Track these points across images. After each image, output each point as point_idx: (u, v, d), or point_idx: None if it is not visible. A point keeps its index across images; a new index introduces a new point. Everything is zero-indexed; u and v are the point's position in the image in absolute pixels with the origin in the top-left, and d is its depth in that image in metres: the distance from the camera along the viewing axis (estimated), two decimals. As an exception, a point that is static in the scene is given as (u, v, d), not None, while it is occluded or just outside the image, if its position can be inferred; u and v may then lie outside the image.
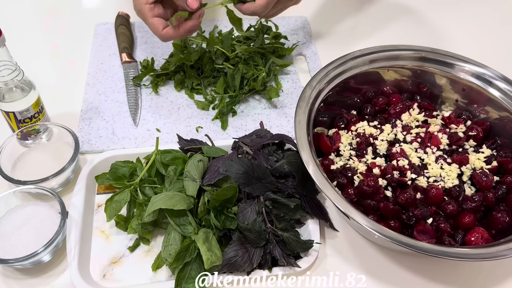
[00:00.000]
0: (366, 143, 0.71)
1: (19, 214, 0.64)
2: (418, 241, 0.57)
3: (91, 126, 0.80)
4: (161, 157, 0.68)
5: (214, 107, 0.84)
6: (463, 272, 0.65)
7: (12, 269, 0.63)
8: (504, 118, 0.72)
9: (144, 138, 0.78)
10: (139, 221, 0.64)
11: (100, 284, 0.61)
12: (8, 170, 0.69)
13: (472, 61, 0.75)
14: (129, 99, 0.84)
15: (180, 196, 0.62)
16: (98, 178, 0.69)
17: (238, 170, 0.62)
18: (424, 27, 1.04)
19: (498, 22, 1.08)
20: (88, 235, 0.66)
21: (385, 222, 0.63)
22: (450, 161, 0.68)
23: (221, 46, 0.85)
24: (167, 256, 0.60)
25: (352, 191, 0.65)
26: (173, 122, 0.82)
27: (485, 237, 0.61)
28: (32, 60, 0.89)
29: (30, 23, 1.01)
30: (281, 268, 0.61)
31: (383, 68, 0.77)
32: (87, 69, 0.90)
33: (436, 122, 0.74)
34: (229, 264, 0.59)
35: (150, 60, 0.89)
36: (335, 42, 0.98)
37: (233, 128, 0.81)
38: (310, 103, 0.69)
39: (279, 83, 0.88)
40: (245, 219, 0.61)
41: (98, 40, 0.96)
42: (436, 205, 0.64)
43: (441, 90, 0.78)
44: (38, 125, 0.73)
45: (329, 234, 0.67)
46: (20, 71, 0.68)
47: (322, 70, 0.73)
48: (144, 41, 0.97)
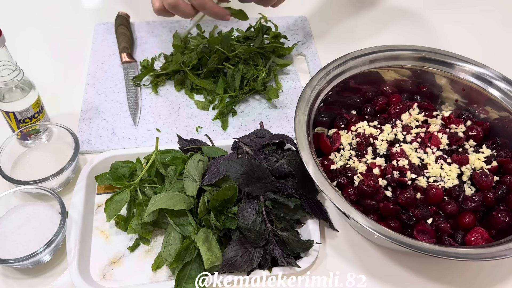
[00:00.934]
0: (366, 143, 0.71)
1: (19, 214, 0.64)
2: (418, 241, 0.57)
3: (91, 126, 0.80)
4: (161, 157, 0.68)
5: (214, 107, 0.84)
6: (463, 272, 0.65)
7: (12, 269, 0.63)
8: (504, 118, 0.72)
9: (144, 138, 0.78)
10: (139, 221, 0.64)
11: (100, 284, 0.61)
12: (8, 170, 0.69)
13: (472, 61, 0.75)
14: (129, 99, 0.84)
15: (180, 196, 0.62)
16: (98, 178, 0.69)
17: (238, 170, 0.62)
18: (424, 27, 1.04)
19: (498, 22, 1.08)
20: (88, 235, 0.66)
21: (385, 222, 0.63)
22: (450, 161, 0.68)
23: (221, 46, 0.85)
24: (167, 256, 0.60)
25: (352, 191, 0.65)
26: (173, 122, 0.81)
27: (485, 237, 0.61)
28: (32, 60, 0.89)
29: (30, 23, 1.01)
30: (281, 268, 0.61)
31: (383, 68, 0.77)
32: (87, 69, 0.90)
33: (436, 122, 0.74)
34: (229, 264, 0.59)
35: (150, 60, 0.89)
36: (335, 42, 0.98)
37: (233, 128, 0.81)
38: (310, 103, 0.69)
39: (279, 83, 0.88)
40: (245, 219, 0.61)
41: (98, 40, 0.96)
42: (436, 205, 0.64)
43: (441, 90, 0.78)
44: (38, 125, 0.73)
45: (329, 234, 0.67)
46: (20, 71, 0.68)
47: (322, 70, 0.73)
48: (144, 41, 0.97)
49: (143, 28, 0.99)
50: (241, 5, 0.81)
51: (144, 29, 0.99)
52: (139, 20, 1.01)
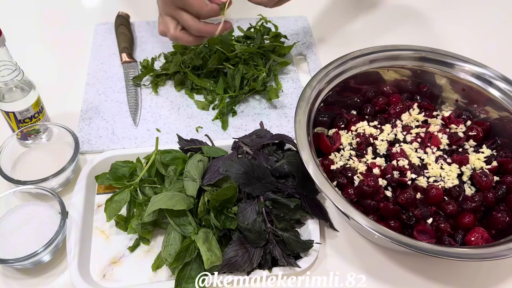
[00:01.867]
0: (366, 143, 0.71)
1: (19, 214, 0.64)
2: (418, 241, 0.57)
3: (91, 126, 0.80)
4: (161, 157, 0.68)
5: (214, 107, 0.84)
6: (463, 272, 0.65)
7: (12, 269, 0.63)
8: (504, 118, 0.72)
9: (144, 138, 0.78)
10: (139, 221, 0.64)
11: (100, 284, 0.61)
12: (8, 170, 0.69)
13: (472, 61, 0.75)
14: (129, 99, 0.84)
15: (180, 196, 0.62)
16: (98, 178, 0.69)
17: (238, 170, 0.62)
18: (424, 27, 1.04)
19: (498, 22, 1.08)
20: (88, 235, 0.66)
21: (385, 222, 0.63)
22: (450, 161, 0.68)
23: (221, 46, 0.85)
24: (167, 256, 0.60)
25: (352, 191, 0.65)
26: (173, 122, 0.81)
27: (485, 237, 0.61)
28: (32, 60, 0.89)
29: (30, 23, 1.01)
30: (281, 268, 0.61)
31: (383, 68, 0.77)
32: (87, 69, 0.90)
33: (436, 122, 0.74)
34: (229, 264, 0.59)
35: (150, 60, 0.89)
36: (336, 42, 0.98)
37: (233, 128, 0.81)
38: (310, 103, 0.69)
39: (279, 83, 0.88)
40: (245, 219, 0.61)
41: (98, 40, 0.96)
42: (436, 205, 0.64)
43: (441, 90, 0.78)
44: (38, 125, 0.73)
45: (329, 234, 0.67)
46: (20, 71, 0.68)
47: (322, 70, 0.73)
48: (144, 41, 0.97)
49: (143, 28, 0.99)
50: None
51: (144, 29, 0.99)
52: (139, 20, 1.01)
